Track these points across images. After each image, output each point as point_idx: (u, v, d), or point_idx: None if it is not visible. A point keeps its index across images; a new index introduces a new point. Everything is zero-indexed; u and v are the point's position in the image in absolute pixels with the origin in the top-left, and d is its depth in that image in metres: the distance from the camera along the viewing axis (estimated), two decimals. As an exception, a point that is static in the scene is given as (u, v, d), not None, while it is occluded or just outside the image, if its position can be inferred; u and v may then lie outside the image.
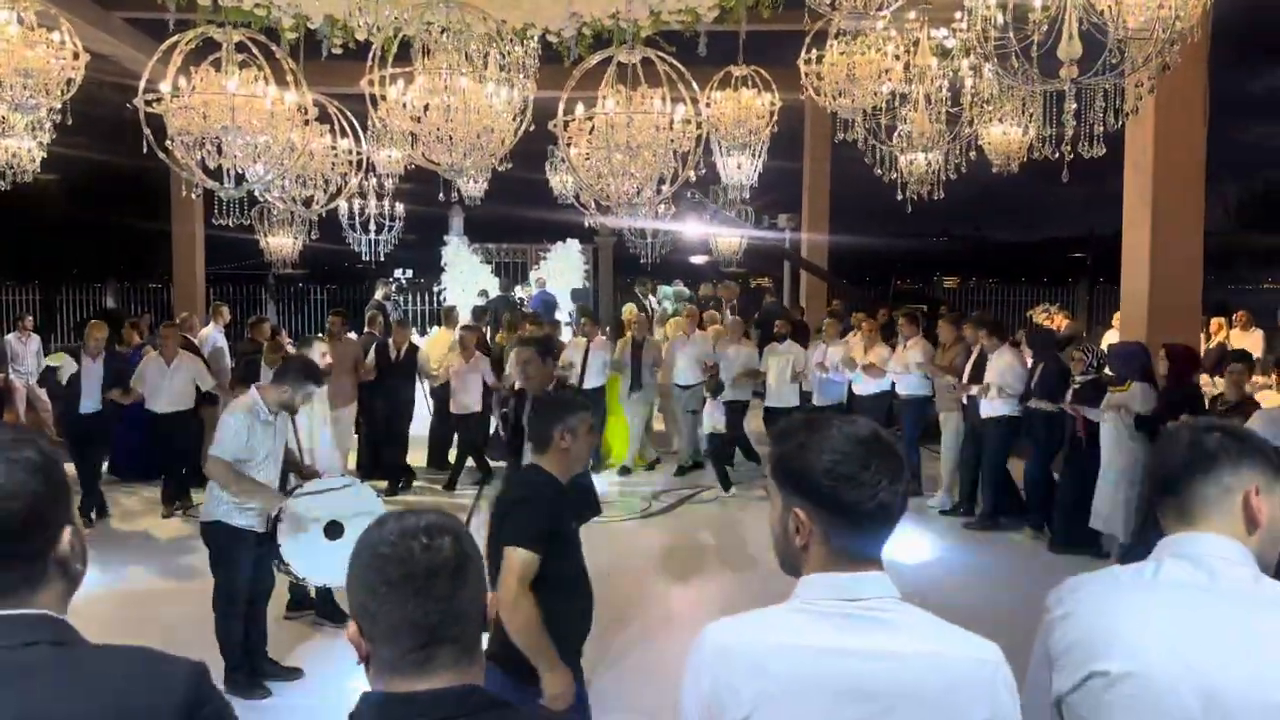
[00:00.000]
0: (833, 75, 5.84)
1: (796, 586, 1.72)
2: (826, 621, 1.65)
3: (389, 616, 1.34)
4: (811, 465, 1.66)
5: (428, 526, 1.39)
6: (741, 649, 1.66)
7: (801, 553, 1.70)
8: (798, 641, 1.64)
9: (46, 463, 1.38)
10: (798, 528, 1.69)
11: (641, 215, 6.19)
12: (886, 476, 1.65)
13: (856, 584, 1.67)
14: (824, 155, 14.21)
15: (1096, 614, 1.79)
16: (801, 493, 1.68)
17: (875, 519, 1.65)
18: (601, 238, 19.68)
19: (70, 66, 5.90)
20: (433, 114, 5.57)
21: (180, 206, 13.39)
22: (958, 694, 1.61)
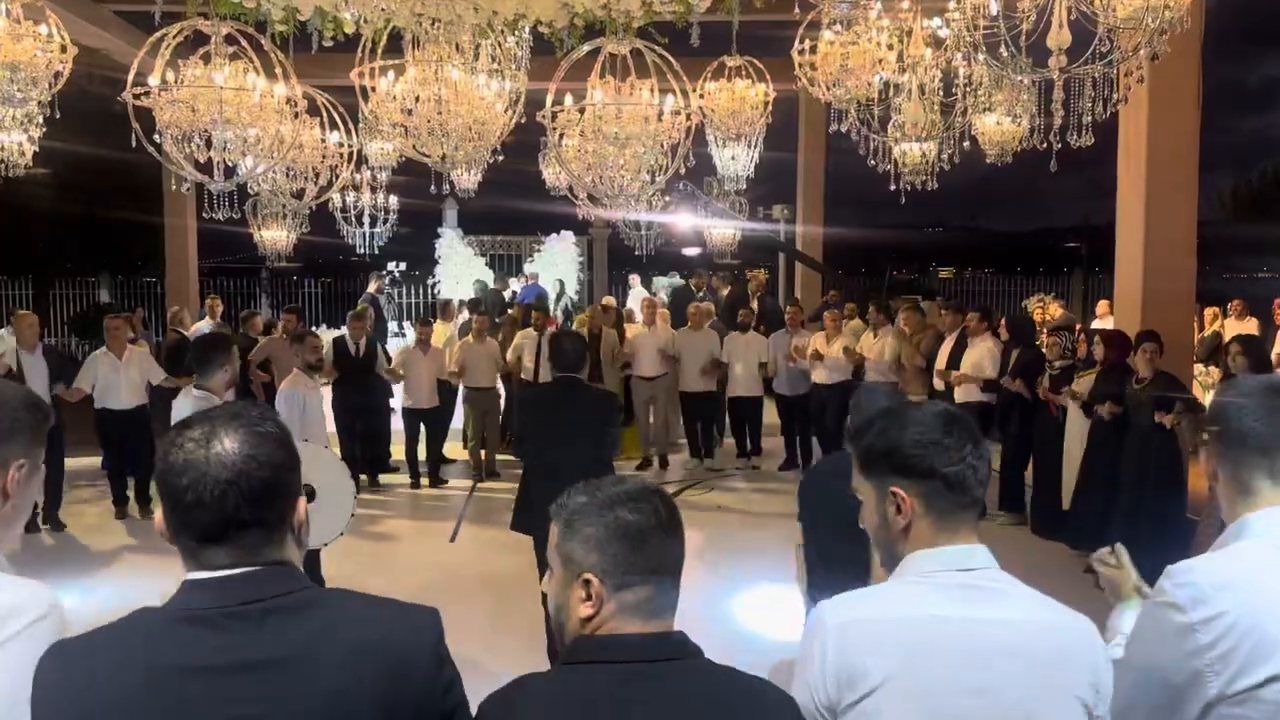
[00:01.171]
0: (826, 66, 5.82)
1: (903, 565, 1.76)
2: (943, 593, 1.69)
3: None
4: (898, 440, 1.74)
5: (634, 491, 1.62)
6: (862, 625, 1.68)
7: (902, 536, 1.75)
8: (919, 612, 1.67)
9: (285, 435, 1.52)
10: (898, 506, 1.74)
11: (633, 207, 6.16)
12: (969, 442, 1.74)
13: (964, 555, 1.73)
14: (818, 146, 14.19)
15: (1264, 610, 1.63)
16: (896, 470, 1.75)
17: (967, 484, 1.72)
18: (596, 230, 19.69)
19: (58, 60, 5.87)
20: (424, 106, 5.55)
21: (173, 200, 13.33)
22: (1067, 660, 1.66)
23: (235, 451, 1.43)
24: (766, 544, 8.08)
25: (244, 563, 1.44)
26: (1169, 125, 7.71)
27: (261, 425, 1.48)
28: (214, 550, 1.44)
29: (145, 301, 19.35)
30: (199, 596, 1.42)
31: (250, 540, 1.44)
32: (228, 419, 1.47)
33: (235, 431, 1.45)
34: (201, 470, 1.41)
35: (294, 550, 1.51)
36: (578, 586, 1.56)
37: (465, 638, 5.91)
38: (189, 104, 4.82)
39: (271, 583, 1.44)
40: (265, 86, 5.01)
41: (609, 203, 5.62)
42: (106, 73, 10.25)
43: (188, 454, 1.43)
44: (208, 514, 1.41)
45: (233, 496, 1.41)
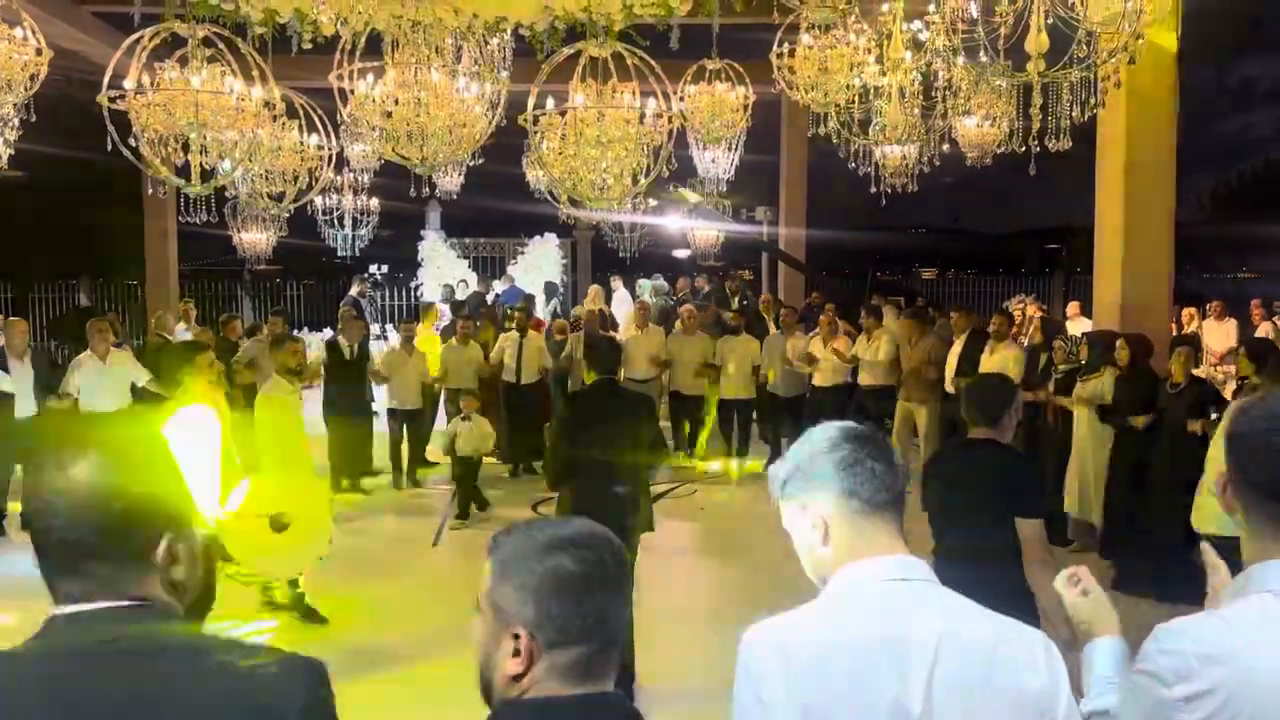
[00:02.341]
0: (805, 69, 5.84)
1: (831, 581, 1.71)
2: (874, 603, 1.65)
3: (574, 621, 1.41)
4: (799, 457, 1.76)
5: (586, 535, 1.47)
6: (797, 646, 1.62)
7: (823, 548, 1.72)
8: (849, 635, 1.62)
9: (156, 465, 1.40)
10: (811, 521, 1.72)
11: (615, 209, 6.17)
12: (867, 450, 1.72)
13: (893, 565, 1.68)
14: (800, 148, 14.22)
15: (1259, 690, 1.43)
16: (804, 486, 1.74)
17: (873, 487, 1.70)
18: (579, 232, 19.66)
19: (34, 62, 5.82)
20: (403, 108, 5.54)
21: (151, 203, 13.23)
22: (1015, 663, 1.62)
23: (88, 479, 1.32)
24: (754, 543, 8.11)
25: (101, 597, 1.33)
26: (1146, 127, 7.77)
27: (125, 451, 1.37)
28: (69, 581, 1.34)
29: (125, 305, 19.20)
30: (53, 633, 1.33)
31: (103, 573, 1.33)
32: (88, 445, 1.36)
33: (93, 457, 1.34)
34: (52, 496, 1.32)
35: (157, 586, 1.36)
36: (507, 639, 1.40)
37: (449, 647, 5.86)
38: (165, 107, 4.79)
39: (130, 621, 1.32)
40: (242, 89, 4.98)
41: (591, 205, 5.61)
42: (85, 75, 10.18)
43: (42, 478, 1.34)
44: (58, 541, 1.33)
45: (84, 524, 1.31)
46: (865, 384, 10.10)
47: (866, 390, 10.10)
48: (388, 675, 5.43)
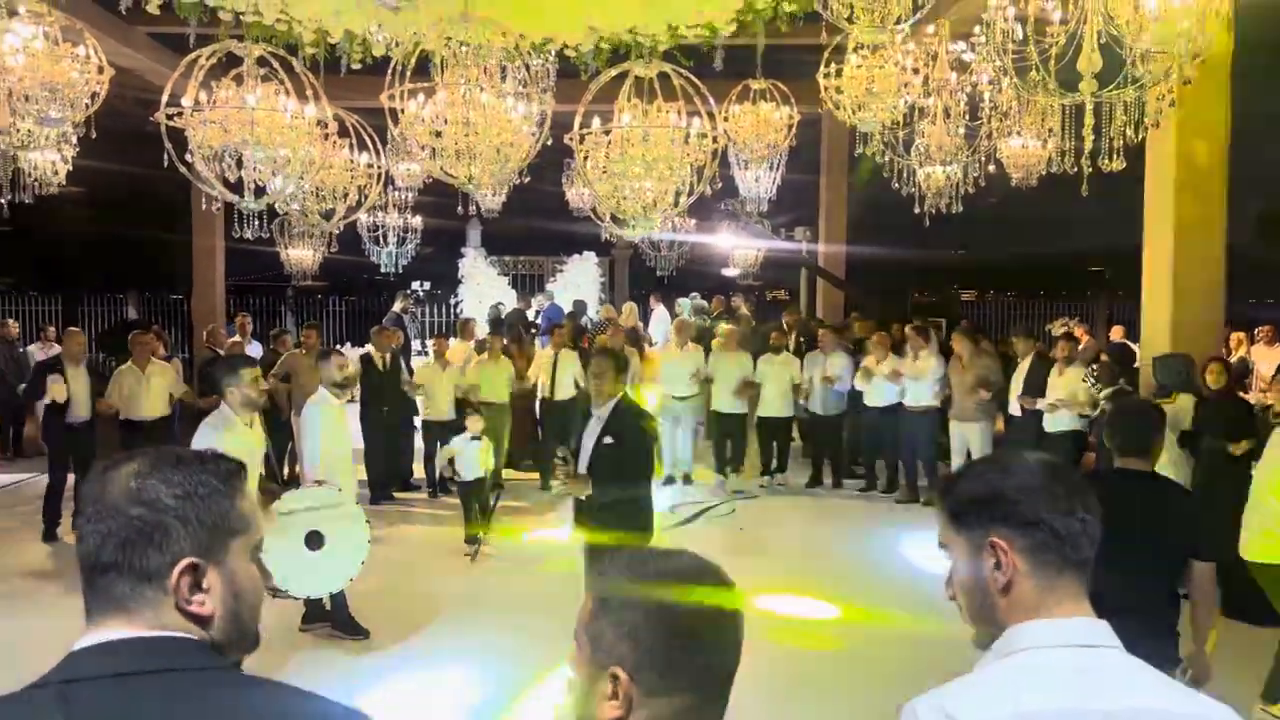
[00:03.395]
0: (852, 89, 5.84)
1: (1004, 638, 1.51)
2: (1060, 673, 1.44)
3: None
4: (1000, 485, 1.55)
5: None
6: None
7: (1001, 597, 1.52)
8: (1036, 708, 1.42)
9: (195, 484, 1.32)
10: (998, 560, 1.52)
11: (658, 228, 6.18)
12: (1079, 496, 1.53)
13: (1084, 629, 1.48)
14: (841, 168, 14.20)
15: None
16: (996, 518, 1.53)
17: (1077, 539, 1.51)
18: (618, 250, 19.74)
19: (95, 81, 5.97)
20: (452, 128, 5.61)
21: (200, 219, 13.48)
22: None
23: (120, 486, 1.28)
24: (792, 558, 8.06)
25: (125, 624, 1.26)
26: (1198, 149, 7.67)
27: (170, 465, 1.31)
28: (90, 597, 1.28)
29: (172, 319, 19.55)
30: (72, 666, 1.25)
31: (117, 591, 1.26)
32: (143, 456, 1.33)
33: (135, 466, 1.31)
34: (88, 503, 1.29)
35: (176, 617, 1.28)
36: (604, 679, 1.28)
37: (485, 662, 5.85)
38: (221, 124, 4.89)
39: (156, 656, 1.24)
40: (296, 108, 5.07)
41: (634, 224, 5.64)
42: (138, 93, 10.40)
43: (87, 487, 1.31)
44: (82, 549, 1.28)
45: (100, 531, 1.27)
46: (911, 405, 10.05)
47: (913, 410, 10.05)
48: (421, 689, 5.46)
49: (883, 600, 6.88)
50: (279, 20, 6.57)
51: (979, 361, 9.58)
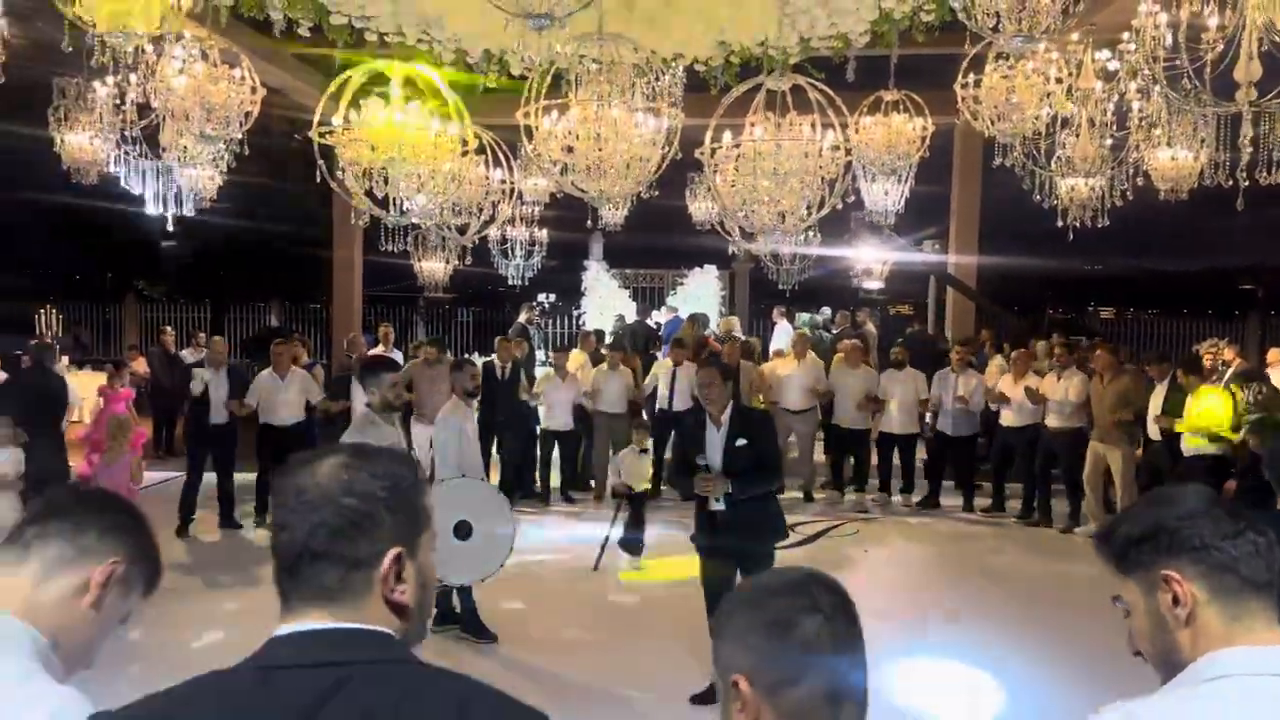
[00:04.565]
0: (991, 99, 5.68)
1: (1195, 667, 1.45)
2: (1257, 701, 1.38)
3: None
4: (1162, 518, 1.51)
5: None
6: None
7: (1185, 632, 1.46)
8: None
9: (396, 474, 1.36)
10: (1175, 596, 1.47)
11: (788, 241, 6.13)
12: (1243, 519, 1.50)
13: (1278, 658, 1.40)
14: (974, 178, 13.80)
15: None
16: (1162, 550, 1.49)
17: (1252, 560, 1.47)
18: (738, 264, 19.67)
19: (249, 100, 6.30)
20: (584, 143, 5.71)
21: (341, 232, 14.05)
22: None
23: (328, 475, 1.31)
24: (915, 583, 7.87)
25: (327, 614, 1.29)
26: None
27: (375, 458, 1.35)
28: (292, 586, 1.31)
29: (310, 327, 20.45)
30: (274, 654, 1.29)
31: (325, 579, 1.29)
32: (343, 449, 1.37)
33: (340, 458, 1.34)
34: (293, 493, 1.31)
35: (384, 610, 1.32)
36: (733, 697, 1.30)
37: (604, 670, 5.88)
38: (369, 142, 5.09)
39: (357, 647, 1.28)
40: (441, 126, 5.24)
41: (766, 237, 5.61)
42: (283, 112, 10.90)
43: (288, 478, 1.33)
44: (288, 538, 1.30)
45: (311, 519, 1.29)
46: (1052, 426, 9.70)
47: (1054, 432, 9.69)
48: (542, 697, 5.53)
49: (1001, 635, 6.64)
50: (420, 41, 6.81)
51: (1120, 380, 9.18)
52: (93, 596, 1.54)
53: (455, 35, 6.59)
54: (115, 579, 1.56)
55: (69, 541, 1.55)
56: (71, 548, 1.54)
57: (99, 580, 1.54)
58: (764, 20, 6.29)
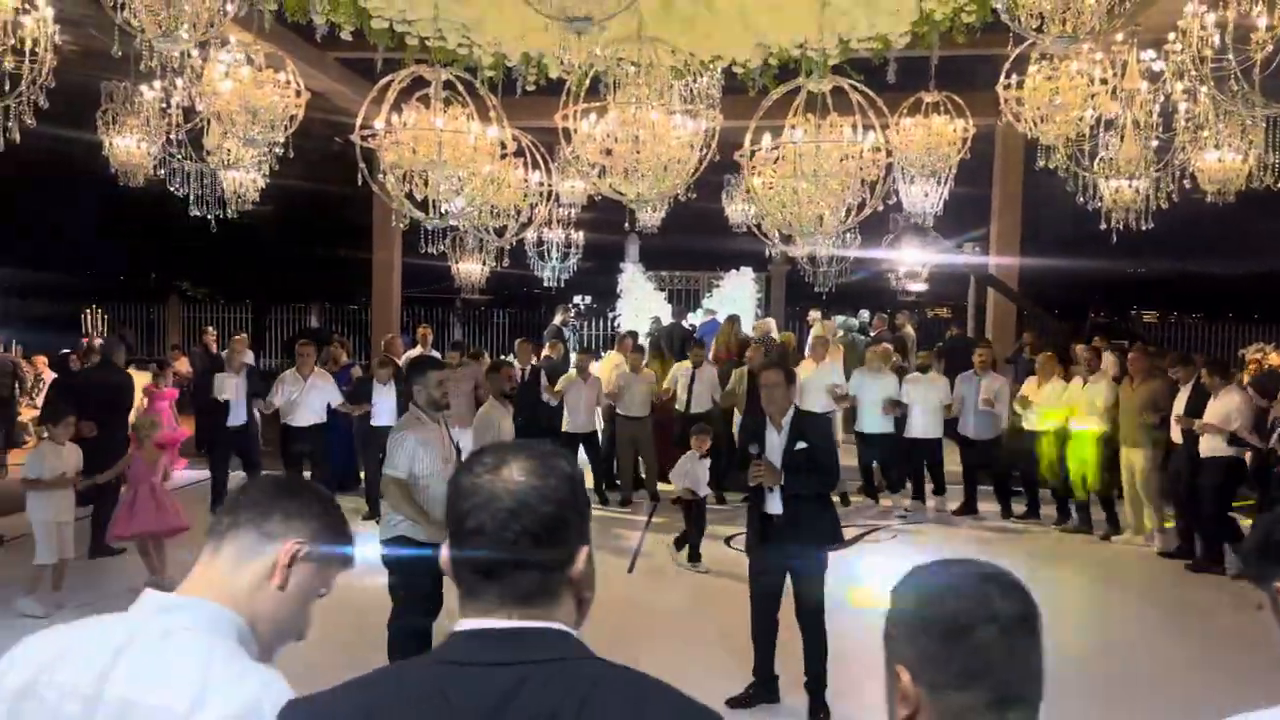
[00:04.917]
0: (1034, 100, 5.62)
1: None
2: None
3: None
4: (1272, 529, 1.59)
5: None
6: None
7: None
8: None
9: (577, 476, 1.42)
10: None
11: (827, 243, 6.10)
12: None
13: None
14: (1015, 180, 13.66)
15: None
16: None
17: None
18: (774, 266, 19.59)
19: (294, 104, 6.39)
20: (622, 146, 5.72)
21: (381, 234, 14.20)
22: None
23: (522, 481, 1.35)
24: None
25: (516, 613, 1.35)
26: None
27: (554, 460, 1.40)
28: (486, 586, 1.36)
29: (350, 328, 20.67)
30: (460, 649, 1.34)
31: (525, 583, 1.35)
32: (519, 450, 1.41)
33: (525, 462, 1.38)
34: (485, 496, 1.35)
35: (571, 608, 1.40)
36: (894, 677, 1.32)
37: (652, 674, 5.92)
38: (410, 145, 5.14)
39: (544, 646, 1.33)
40: (479, 129, 5.28)
41: (805, 239, 5.59)
42: (324, 115, 11.02)
43: (475, 479, 1.37)
44: (486, 542, 1.34)
45: (513, 527, 1.33)
46: (1077, 429, 9.55)
47: (1080, 435, 9.55)
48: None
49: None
50: (460, 45, 6.86)
51: (1150, 384, 9.06)
52: (279, 578, 1.63)
53: (495, 39, 6.63)
54: (299, 559, 1.65)
55: (256, 529, 1.65)
56: (258, 534, 1.65)
57: (283, 562, 1.63)
58: (803, 22, 6.26)
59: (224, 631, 1.57)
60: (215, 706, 1.43)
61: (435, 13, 5.50)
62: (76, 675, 1.50)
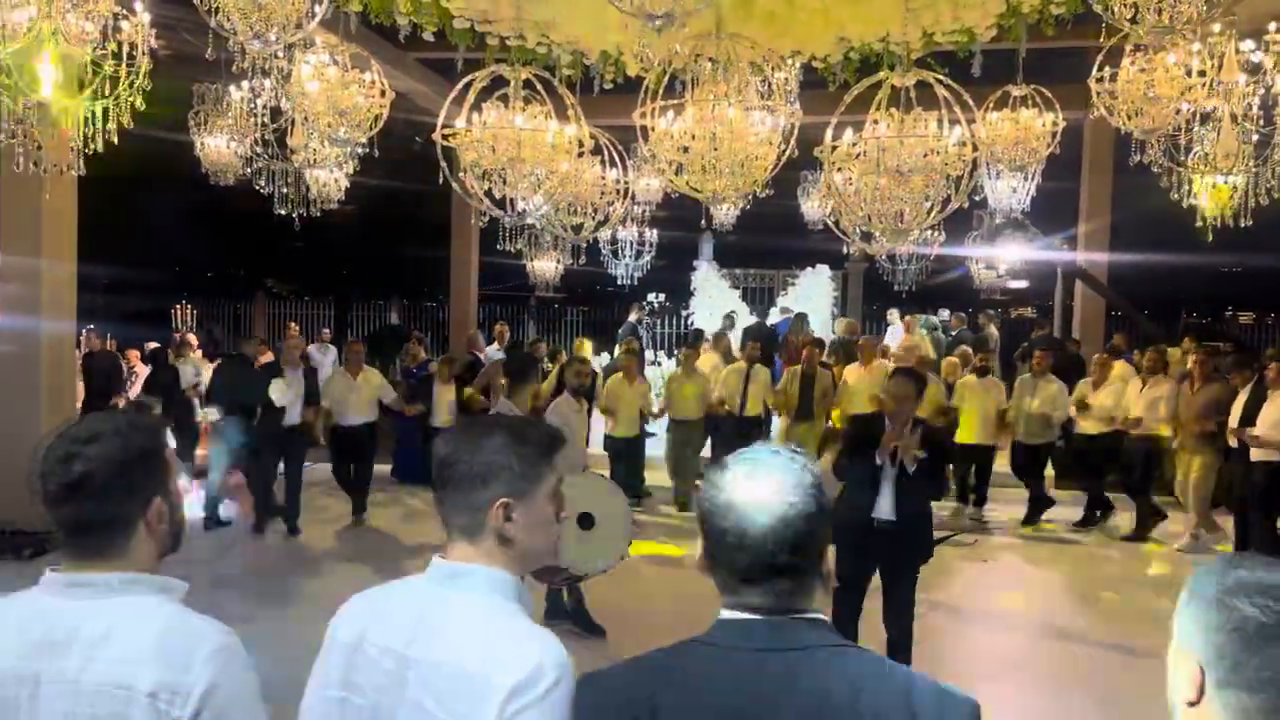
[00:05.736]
0: (1128, 93, 5.43)
1: None
2: None
3: None
4: None
5: None
6: None
7: None
8: None
9: (820, 485, 1.54)
10: None
11: (910, 240, 5.97)
12: None
13: None
14: (1105, 175, 13.25)
15: None
16: None
17: None
18: (852, 264, 19.33)
19: (378, 104, 6.49)
20: (699, 143, 5.69)
21: (459, 233, 14.40)
22: None
23: (776, 497, 1.47)
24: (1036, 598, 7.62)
25: (777, 609, 1.48)
26: None
27: (802, 473, 1.51)
28: (751, 590, 1.49)
29: (428, 325, 21.02)
30: (729, 635, 1.49)
31: (784, 586, 1.48)
32: (769, 463, 1.52)
33: (777, 476, 1.49)
34: (742, 513, 1.47)
35: (821, 595, 1.54)
36: (1186, 661, 1.31)
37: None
38: (490, 144, 5.18)
39: (803, 633, 1.47)
40: (558, 127, 5.30)
41: (888, 236, 5.49)
42: (404, 115, 11.20)
43: (731, 496, 1.49)
44: (747, 557, 1.47)
45: (770, 541, 1.46)
46: (1137, 434, 9.31)
47: (1136, 439, 9.30)
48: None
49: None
50: (539, 44, 6.90)
51: (1211, 388, 8.72)
52: (509, 532, 1.72)
53: (573, 37, 6.66)
54: (511, 512, 1.72)
55: (465, 499, 1.74)
56: (469, 509, 1.74)
57: (498, 523, 1.72)
58: (887, 16, 6.14)
59: (504, 593, 1.70)
60: (505, 668, 1.55)
61: (516, 11, 5.53)
62: (388, 636, 1.67)
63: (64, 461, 1.61)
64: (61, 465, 1.61)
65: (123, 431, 1.65)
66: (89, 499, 1.61)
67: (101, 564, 1.63)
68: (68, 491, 1.61)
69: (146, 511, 1.67)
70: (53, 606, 1.61)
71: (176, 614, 1.64)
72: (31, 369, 8.47)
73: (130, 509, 1.65)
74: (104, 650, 1.56)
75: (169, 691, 1.53)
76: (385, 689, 1.64)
